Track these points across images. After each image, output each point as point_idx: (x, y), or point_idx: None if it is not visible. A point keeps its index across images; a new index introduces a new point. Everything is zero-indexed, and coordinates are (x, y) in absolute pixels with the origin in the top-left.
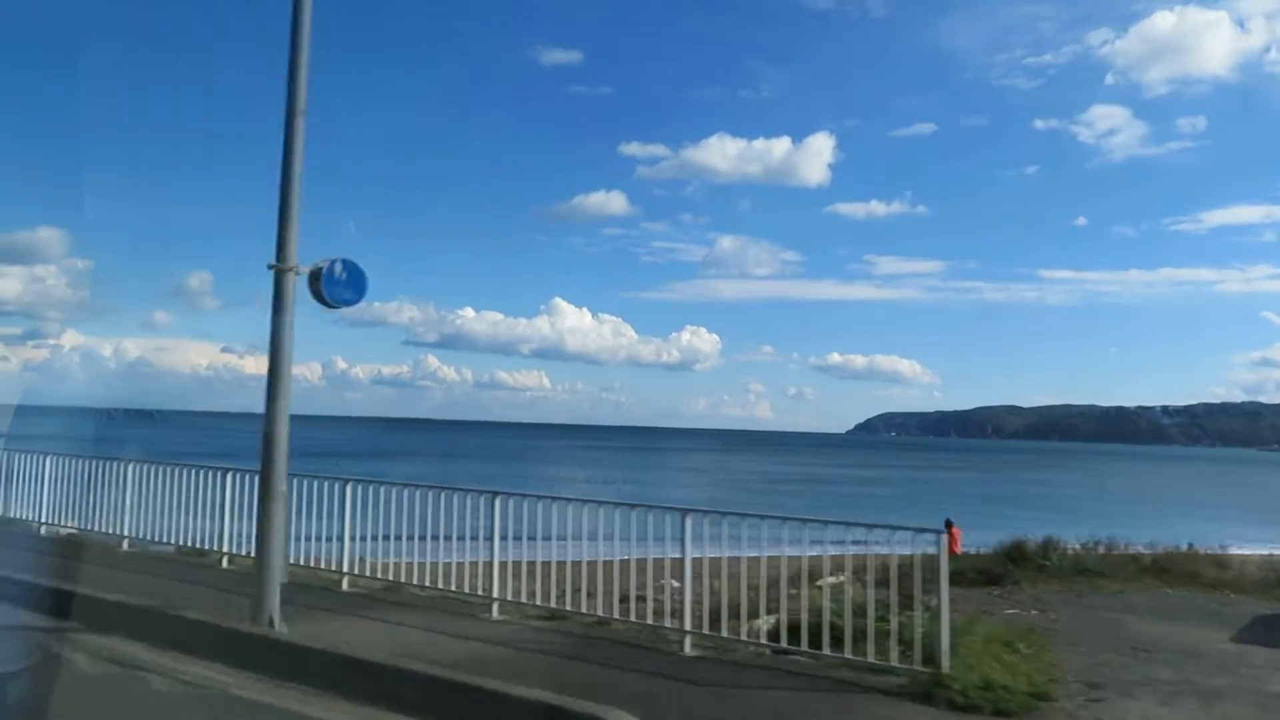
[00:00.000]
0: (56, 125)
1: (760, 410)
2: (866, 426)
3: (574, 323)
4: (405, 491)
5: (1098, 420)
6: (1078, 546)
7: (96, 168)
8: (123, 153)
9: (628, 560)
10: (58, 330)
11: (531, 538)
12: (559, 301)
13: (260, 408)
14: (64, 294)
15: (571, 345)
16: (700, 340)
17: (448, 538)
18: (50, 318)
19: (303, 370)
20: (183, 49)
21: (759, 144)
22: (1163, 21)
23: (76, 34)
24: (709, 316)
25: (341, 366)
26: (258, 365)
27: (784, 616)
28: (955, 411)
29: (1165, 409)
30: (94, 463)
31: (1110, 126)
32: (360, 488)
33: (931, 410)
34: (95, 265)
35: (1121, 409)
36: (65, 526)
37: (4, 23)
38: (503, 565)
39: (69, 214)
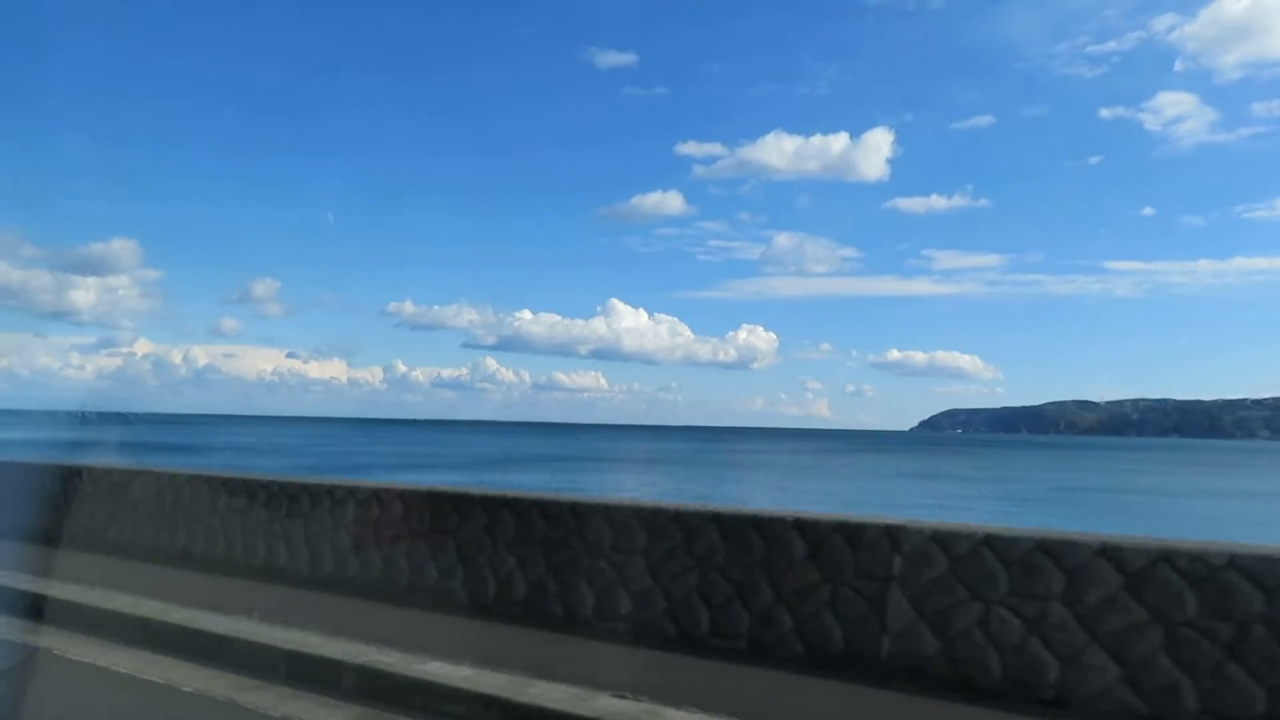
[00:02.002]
0: (127, 141)
1: (818, 409)
2: (931, 424)
3: (631, 323)
4: None
5: (1175, 414)
6: None
7: (164, 176)
8: (188, 162)
9: None
10: (130, 339)
11: None
12: (615, 302)
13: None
14: (136, 303)
15: (628, 345)
16: (757, 339)
17: None
18: (123, 326)
19: (364, 374)
20: (244, 58)
21: (817, 140)
22: (1235, 3)
23: (140, 49)
24: (766, 315)
25: (402, 370)
26: (320, 369)
27: None
28: (1023, 407)
29: (1251, 402)
30: None
31: (1178, 113)
32: None
33: (998, 406)
34: (166, 275)
35: (1200, 403)
36: None
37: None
38: None
39: (141, 225)
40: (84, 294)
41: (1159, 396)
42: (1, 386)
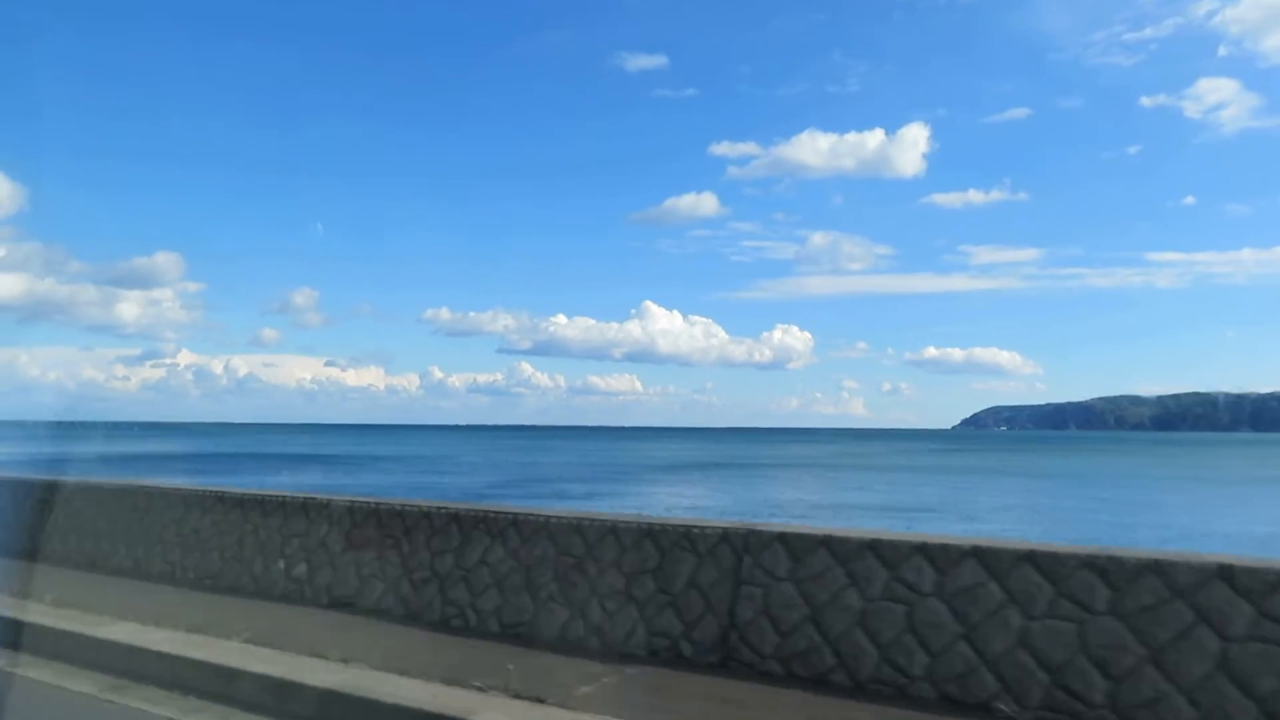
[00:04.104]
0: (170, 158)
1: (854, 408)
2: (974, 421)
3: (665, 325)
4: None
5: (1230, 408)
6: None
7: (204, 192)
8: (228, 179)
9: None
10: (174, 350)
11: None
12: (650, 305)
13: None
14: (179, 315)
15: (663, 348)
16: (792, 338)
17: None
18: (166, 338)
19: (401, 381)
20: (282, 79)
21: (851, 137)
22: None
23: (180, 70)
24: (800, 314)
25: (438, 376)
26: (358, 377)
27: None
28: (1071, 403)
29: None
30: None
31: (1219, 100)
32: None
33: (1043, 402)
34: (207, 287)
35: (1256, 395)
36: None
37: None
38: None
39: (184, 238)
40: (128, 307)
41: (1212, 389)
42: (47, 399)
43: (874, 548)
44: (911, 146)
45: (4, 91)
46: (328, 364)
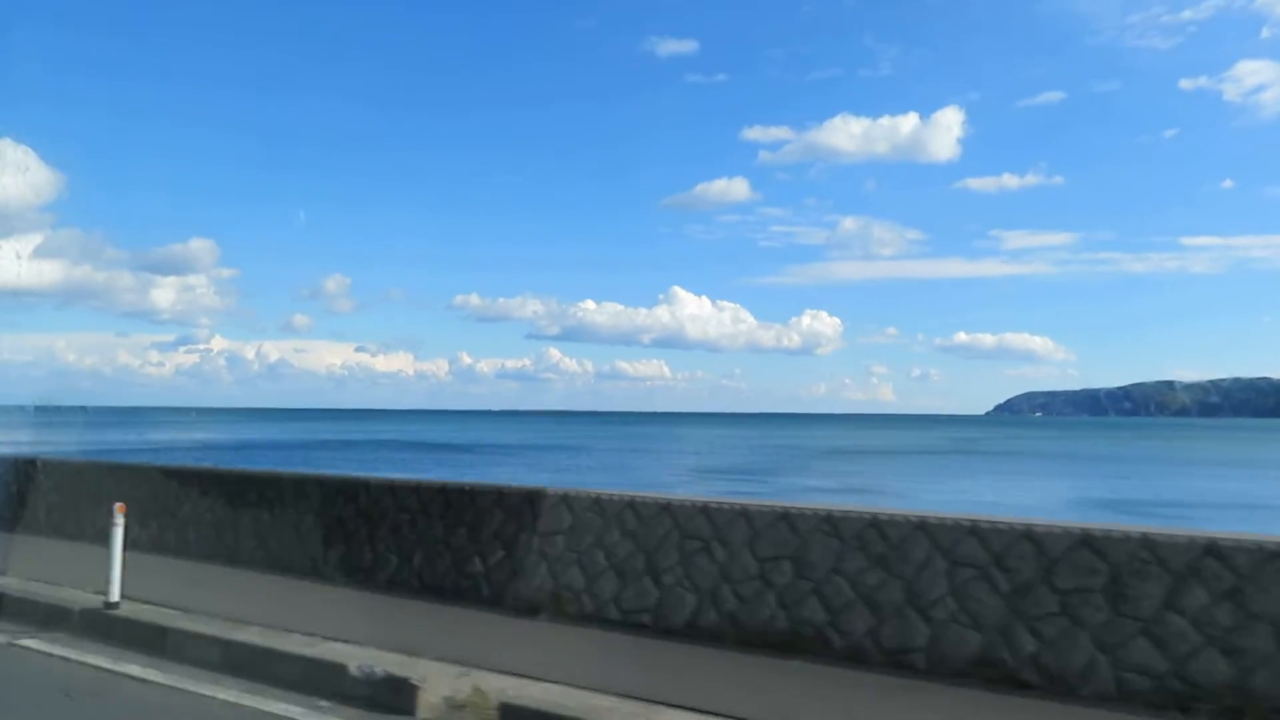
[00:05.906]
0: (200, 138)
1: (883, 393)
2: (1008, 407)
3: (693, 310)
4: None
5: (1275, 393)
6: None
7: (240, 174)
8: (259, 162)
9: None
10: (207, 335)
11: None
12: (678, 290)
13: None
14: (212, 301)
15: (691, 333)
16: (821, 324)
17: None
18: (200, 324)
19: (430, 367)
20: (326, 51)
21: (885, 121)
22: None
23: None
24: (829, 300)
25: (467, 361)
26: (388, 363)
27: None
28: (1108, 389)
29: None
30: None
31: (1258, 82)
32: None
33: (1079, 388)
34: (241, 273)
35: None
36: None
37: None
38: None
39: (218, 224)
40: (163, 293)
41: (1255, 375)
42: (86, 384)
43: None
44: (945, 131)
45: (43, 77)
46: (358, 350)
